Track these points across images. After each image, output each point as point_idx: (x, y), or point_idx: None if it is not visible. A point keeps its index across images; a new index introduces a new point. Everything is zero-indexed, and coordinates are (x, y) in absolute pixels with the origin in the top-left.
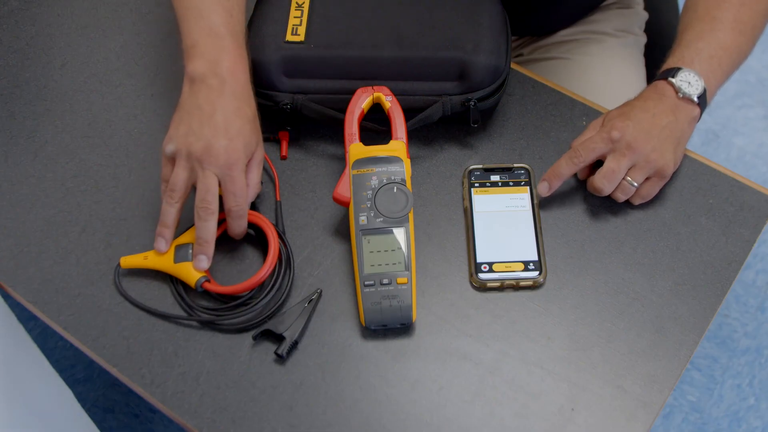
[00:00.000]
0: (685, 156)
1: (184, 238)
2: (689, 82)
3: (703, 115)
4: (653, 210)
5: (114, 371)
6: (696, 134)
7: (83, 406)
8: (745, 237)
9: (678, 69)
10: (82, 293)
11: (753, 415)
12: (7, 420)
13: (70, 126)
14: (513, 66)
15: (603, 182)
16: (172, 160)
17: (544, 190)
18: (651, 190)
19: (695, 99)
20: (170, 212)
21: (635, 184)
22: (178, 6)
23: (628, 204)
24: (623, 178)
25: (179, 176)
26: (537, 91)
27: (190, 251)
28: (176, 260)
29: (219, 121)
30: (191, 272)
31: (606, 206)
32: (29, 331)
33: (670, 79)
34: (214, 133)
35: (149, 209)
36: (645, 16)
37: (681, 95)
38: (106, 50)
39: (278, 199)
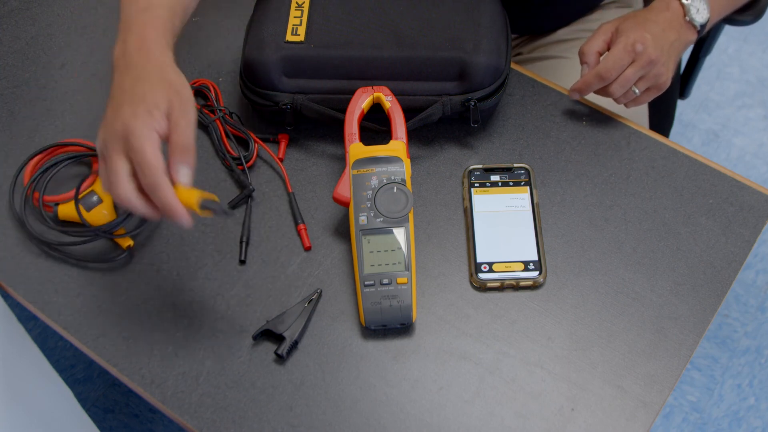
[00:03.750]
0: (685, 156)
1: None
2: (698, 9)
3: (703, 114)
4: (653, 210)
5: (114, 371)
6: (696, 134)
7: (83, 406)
8: (745, 237)
9: None
10: (82, 293)
11: (753, 415)
12: (7, 420)
13: (70, 126)
14: (513, 66)
15: (618, 89)
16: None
17: (575, 96)
18: (647, 98)
19: (698, 27)
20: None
21: (638, 92)
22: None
23: (627, 204)
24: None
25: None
26: (537, 91)
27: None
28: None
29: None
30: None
31: (606, 206)
32: (29, 331)
33: (683, 0)
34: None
35: None
36: None
37: (688, 19)
38: (106, 50)
39: (290, 190)
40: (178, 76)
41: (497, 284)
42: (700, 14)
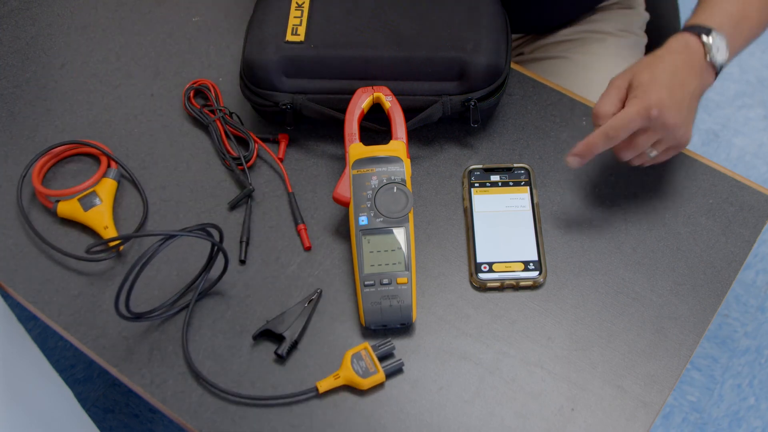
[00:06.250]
0: (685, 156)
1: None
2: (719, 48)
3: (703, 115)
4: (653, 210)
5: (114, 371)
6: (696, 134)
7: (83, 406)
8: (745, 237)
9: (710, 29)
10: (82, 293)
11: (753, 415)
12: (7, 420)
13: (70, 126)
14: (513, 66)
15: (628, 154)
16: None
17: (574, 163)
18: (665, 157)
19: (718, 68)
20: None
21: (653, 154)
22: None
23: (628, 204)
24: None
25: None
26: (537, 91)
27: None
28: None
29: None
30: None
31: (606, 206)
32: (29, 331)
33: (703, 37)
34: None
35: (148, 209)
36: (646, 16)
37: (708, 59)
38: (106, 50)
39: (290, 190)
40: None
41: (497, 284)
42: (721, 54)
